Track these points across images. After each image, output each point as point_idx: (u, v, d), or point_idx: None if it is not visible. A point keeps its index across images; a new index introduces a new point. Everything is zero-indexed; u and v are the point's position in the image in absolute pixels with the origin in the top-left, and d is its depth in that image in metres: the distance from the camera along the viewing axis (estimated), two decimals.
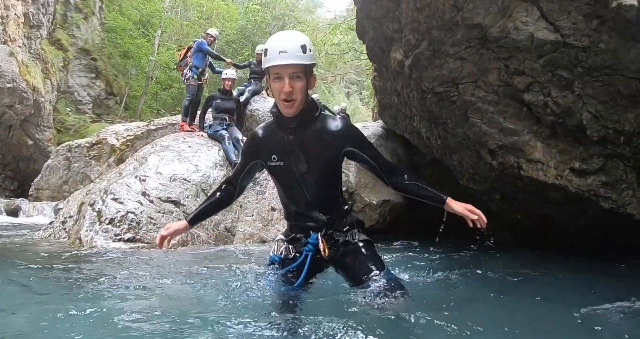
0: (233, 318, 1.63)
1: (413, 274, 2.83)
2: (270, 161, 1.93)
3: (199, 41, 7.46)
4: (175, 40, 19.61)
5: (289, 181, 1.95)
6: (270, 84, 1.82)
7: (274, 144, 1.92)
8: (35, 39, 12.81)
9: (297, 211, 2.00)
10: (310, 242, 1.96)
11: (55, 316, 1.67)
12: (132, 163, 5.05)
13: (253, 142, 2.01)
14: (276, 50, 1.73)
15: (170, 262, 3.17)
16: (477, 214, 1.79)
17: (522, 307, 2.25)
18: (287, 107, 1.78)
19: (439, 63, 4.05)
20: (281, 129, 1.90)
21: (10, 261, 3.03)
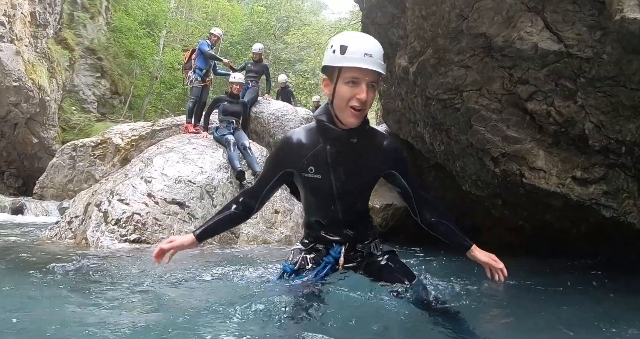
0: (238, 319, 1.67)
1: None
2: (306, 172, 1.74)
3: (201, 42, 7.51)
4: (180, 41, 19.72)
5: (322, 195, 1.80)
6: (336, 86, 1.58)
7: (314, 154, 1.72)
8: (41, 38, 12.89)
9: (323, 224, 1.86)
10: (332, 254, 1.84)
11: (62, 315, 1.71)
12: (138, 164, 5.10)
13: (287, 150, 1.77)
14: (361, 51, 1.52)
15: (175, 262, 3.20)
16: (500, 268, 1.73)
17: (528, 312, 2.28)
18: (354, 116, 1.59)
19: (443, 70, 4.10)
20: (325, 139, 1.71)
21: (17, 261, 3.07)
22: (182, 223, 4.26)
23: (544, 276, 3.66)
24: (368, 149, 1.75)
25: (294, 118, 7.60)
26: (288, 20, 23.43)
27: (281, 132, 7.30)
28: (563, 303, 2.59)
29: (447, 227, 1.84)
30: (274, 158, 1.87)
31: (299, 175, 1.77)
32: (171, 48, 19.08)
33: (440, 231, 1.85)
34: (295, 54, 22.82)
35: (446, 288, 2.71)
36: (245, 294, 2.09)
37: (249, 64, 8.59)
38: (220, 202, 4.79)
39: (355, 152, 1.72)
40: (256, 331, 1.56)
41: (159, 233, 4.03)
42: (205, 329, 1.58)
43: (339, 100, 1.58)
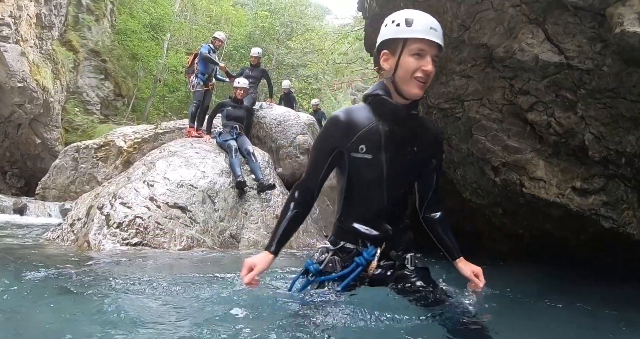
0: (241, 323, 1.70)
1: None
2: (356, 152, 1.64)
3: (202, 46, 7.56)
4: (184, 44, 19.84)
5: (371, 178, 1.68)
6: (401, 58, 1.57)
7: (366, 132, 1.64)
8: (46, 40, 13.01)
9: (365, 215, 1.74)
10: (365, 255, 1.70)
11: (62, 318, 1.73)
12: (141, 168, 5.13)
13: (337, 128, 1.66)
14: (426, 24, 1.54)
15: (177, 266, 3.24)
16: (481, 287, 1.75)
17: (525, 319, 2.30)
18: (419, 87, 1.57)
19: (445, 80, 4.13)
20: (381, 114, 1.66)
21: (19, 262, 3.10)
22: (184, 227, 4.29)
23: (542, 282, 3.68)
24: (418, 134, 1.73)
25: (296, 124, 7.64)
26: (292, 25, 23.54)
27: (283, 138, 7.34)
28: (560, 311, 2.61)
29: (445, 231, 1.85)
30: (322, 140, 1.73)
31: (348, 155, 1.66)
32: (175, 51, 19.21)
33: (436, 231, 1.85)
34: (298, 59, 22.92)
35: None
36: (251, 303, 2.11)
37: (247, 69, 8.43)
38: (222, 207, 4.82)
39: (408, 134, 1.69)
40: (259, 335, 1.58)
41: (160, 237, 4.05)
42: (206, 332, 1.60)
43: (403, 72, 1.57)
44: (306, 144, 7.37)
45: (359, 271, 1.68)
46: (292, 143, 7.32)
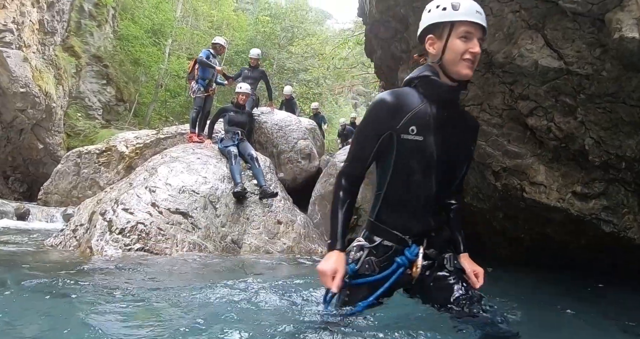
0: (245, 327, 1.71)
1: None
2: (406, 134, 1.58)
3: (202, 51, 7.60)
4: (185, 49, 19.92)
5: (421, 163, 1.61)
6: (448, 41, 1.58)
7: (416, 113, 1.60)
8: (49, 46, 13.08)
9: (409, 206, 1.65)
10: (408, 254, 1.61)
11: (64, 322, 1.75)
12: (142, 173, 5.15)
13: (386, 109, 1.60)
14: (472, 8, 1.56)
15: (179, 272, 3.26)
16: (477, 284, 1.73)
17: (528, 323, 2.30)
18: (469, 68, 1.57)
19: None
20: (430, 97, 1.63)
21: (23, 268, 3.12)
22: (186, 233, 4.30)
23: (542, 285, 3.68)
24: (463, 120, 1.73)
25: (297, 129, 7.66)
26: (292, 30, 23.63)
27: (284, 143, 7.36)
28: (561, 313, 2.61)
29: (457, 222, 1.84)
30: (369, 123, 1.64)
31: (397, 138, 1.59)
32: (176, 56, 19.28)
33: (449, 221, 1.82)
34: (299, 64, 22.99)
35: None
36: (251, 302, 2.12)
37: (245, 70, 8.32)
38: (223, 213, 4.84)
39: (454, 116, 1.67)
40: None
41: (162, 243, 4.07)
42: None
43: (452, 54, 1.57)
44: (307, 149, 7.38)
45: (400, 273, 1.61)
46: (293, 148, 7.33)
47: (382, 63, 5.43)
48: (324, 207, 6.31)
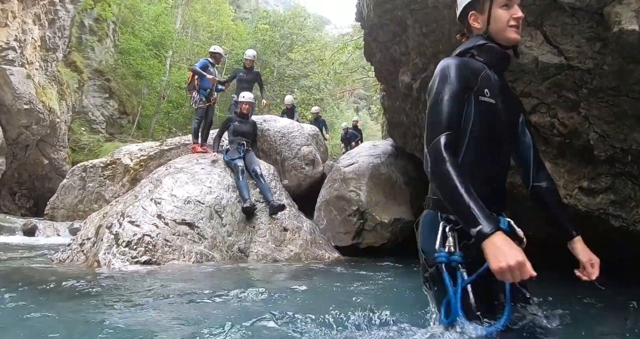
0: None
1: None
2: (483, 95, 1.52)
3: (200, 61, 7.61)
4: (186, 60, 20.06)
5: (496, 127, 1.55)
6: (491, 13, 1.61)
7: (484, 76, 1.56)
8: (51, 62, 13.21)
9: (488, 176, 1.54)
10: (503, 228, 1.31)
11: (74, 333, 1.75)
12: (147, 185, 5.17)
13: (463, 68, 1.53)
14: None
15: (187, 283, 3.24)
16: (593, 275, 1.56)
17: None
18: (516, 33, 1.59)
19: None
20: (488, 64, 1.60)
21: (32, 282, 3.13)
22: (192, 243, 4.30)
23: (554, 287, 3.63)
24: (511, 91, 1.70)
25: (300, 135, 7.66)
26: (292, 37, 23.76)
27: (288, 150, 7.36)
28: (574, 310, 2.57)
29: (558, 203, 1.70)
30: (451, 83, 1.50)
31: (475, 100, 1.51)
32: (177, 68, 19.42)
33: (549, 203, 1.68)
34: (299, 70, 23.09)
35: None
36: (262, 315, 2.11)
37: (241, 72, 8.12)
38: (229, 222, 4.83)
39: (507, 87, 1.66)
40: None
41: (169, 254, 4.07)
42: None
43: (497, 24, 1.60)
44: (311, 155, 7.38)
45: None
46: (296, 155, 7.33)
47: (382, 66, 5.43)
48: (329, 213, 6.30)
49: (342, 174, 6.60)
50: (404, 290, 3.28)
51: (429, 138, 1.45)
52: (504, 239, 1.22)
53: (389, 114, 6.49)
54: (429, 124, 1.49)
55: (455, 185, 1.31)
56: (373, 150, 7.16)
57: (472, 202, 1.28)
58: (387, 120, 7.15)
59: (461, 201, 1.29)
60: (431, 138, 1.44)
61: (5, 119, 11.08)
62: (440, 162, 1.37)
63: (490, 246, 1.22)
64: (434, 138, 1.43)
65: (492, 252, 1.21)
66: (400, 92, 5.08)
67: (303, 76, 22.87)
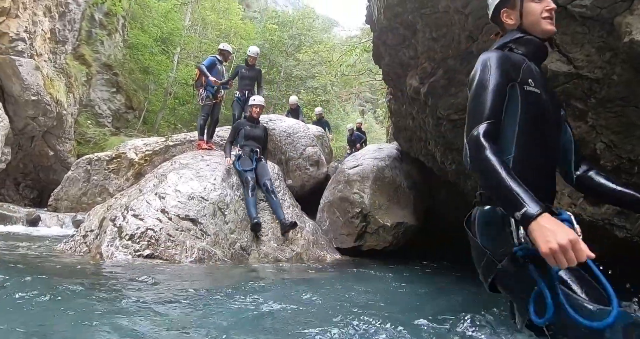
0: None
1: (428, 300, 2.86)
2: (528, 85, 1.50)
3: (209, 58, 7.63)
4: (194, 58, 20.10)
5: (544, 118, 1.52)
6: (523, 8, 1.62)
7: (526, 68, 1.54)
8: (60, 54, 13.27)
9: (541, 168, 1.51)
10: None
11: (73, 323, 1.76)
12: (152, 180, 5.18)
13: (505, 59, 1.52)
14: None
15: (189, 278, 3.26)
16: None
17: None
18: (550, 24, 1.59)
19: (454, 91, 4.15)
20: (528, 56, 1.60)
21: (34, 272, 3.14)
22: (195, 239, 4.31)
23: None
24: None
25: (305, 135, 7.67)
26: (300, 38, 23.79)
27: (293, 150, 7.37)
28: None
29: (616, 181, 1.61)
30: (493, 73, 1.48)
31: (521, 90, 1.49)
32: (185, 65, 19.48)
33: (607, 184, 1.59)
34: (306, 71, 23.12)
35: (463, 302, 2.71)
36: (262, 310, 2.11)
37: (243, 69, 7.90)
38: (232, 219, 4.84)
39: (546, 79, 1.64)
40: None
41: (171, 249, 4.08)
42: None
43: (530, 17, 1.62)
44: (315, 156, 7.39)
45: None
46: (301, 155, 7.34)
47: (390, 70, 5.44)
48: (332, 214, 6.30)
49: (347, 176, 6.61)
50: (408, 292, 3.28)
51: (469, 128, 1.43)
52: (551, 219, 1.13)
53: (395, 117, 6.50)
54: (469, 115, 1.47)
55: (496, 169, 1.27)
56: (378, 153, 7.16)
57: (515, 185, 1.21)
58: (393, 123, 7.15)
59: (503, 185, 1.23)
60: (471, 127, 1.42)
61: (12, 110, 11.14)
62: (480, 149, 1.34)
63: (537, 227, 1.13)
64: (473, 127, 1.41)
65: (539, 234, 1.12)
66: (407, 96, 5.09)
67: (310, 77, 22.90)
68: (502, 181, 1.24)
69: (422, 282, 3.65)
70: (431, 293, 3.22)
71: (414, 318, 2.29)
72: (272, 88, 21.57)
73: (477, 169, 1.34)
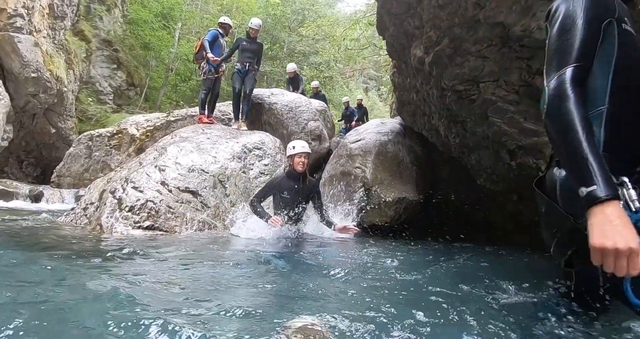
0: (252, 301, 1.68)
1: (427, 275, 2.83)
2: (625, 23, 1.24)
3: (210, 31, 7.48)
4: (195, 33, 19.79)
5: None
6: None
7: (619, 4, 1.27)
8: (59, 30, 13.06)
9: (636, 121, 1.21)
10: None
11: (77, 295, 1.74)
12: (152, 153, 5.15)
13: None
14: None
15: (188, 249, 3.24)
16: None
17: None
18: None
19: (459, 61, 4.03)
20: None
21: (35, 243, 3.15)
22: (195, 211, 4.29)
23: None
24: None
25: (307, 110, 7.57)
26: (303, 13, 23.34)
27: (295, 124, 7.28)
28: None
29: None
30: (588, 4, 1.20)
31: (618, 28, 1.21)
32: (186, 40, 19.18)
33: None
34: (310, 47, 22.74)
35: (462, 278, 2.69)
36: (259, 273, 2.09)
37: (244, 42, 7.42)
38: (233, 192, 4.81)
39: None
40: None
41: (171, 221, 4.07)
42: (219, 311, 1.59)
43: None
44: (318, 131, 7.30)
45: None
46: (303, 129, 7.25)
47: (395, 40, 5.30)
48: (334, 188, 6.27)
49: (349, 150, 6.54)
50: (403, 267, 3.25)
51: (550, 69, 1.18)
52: (620, 212, 0.95)
53: (399, 91, 6.38)
54: (551, 55, 1.21)
55: (576, 129, 1.04)
56: (381, 127, 7.07)
57: (592, 154, 1.00)
58: (396, 98, 7.03)
59: (579, 150, 1.02)
60: (554, 69, 1.16)
61: (12, 87, 11.04)
62: (563, 98, 1.10)
63: (599, 214, 0.96)
64: (558, 70, 1.15)
65: (599, 224, 0.95)
66: (411, 67, 4.97)
67: (313, 53, 22.53)
68: (579, 144, 1.03)
69: (421, 258, 3.62)
70: (430, 267, 3.19)
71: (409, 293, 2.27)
72: (274, 64, 21.26)
73: (553, 122, 1.11)
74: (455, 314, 1.75)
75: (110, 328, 1.37)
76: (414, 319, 1.65)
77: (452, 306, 1.87)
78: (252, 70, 7.21)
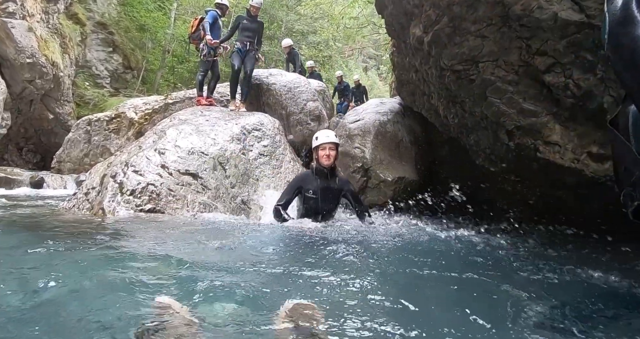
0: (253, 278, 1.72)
1: (427, 256, 2.88)
2: None
3: (209, 13, 7.34)
4: (191, 13, 19.45)
5: None
6: None
7: None
8: (52, 14, 12.86)
9: None
10: None
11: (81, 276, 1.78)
12: (152, 136, 5.15)
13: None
14: None
15: (190, 231, 3.28)
16: None
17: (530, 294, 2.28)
18: None
19: (459, 40, 4.00)
20: None
21: (38, 228, 3.19)
22: (196, 194, 4.32)
23: (553, 250, 3.65)
24: None
25: (306, 90, 7.52)
26: None
27: (294, 105, 7.23)
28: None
29: None
30: None
31: None
32: (182, 21, 18.89)
33: None
34: (308, 26, 22.40)
35: (461, 258, 2.73)
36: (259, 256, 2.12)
37: (245, 20, 7.13)
38: (233, 174, 4.83)
39: None
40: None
41: (173, 203, 4.11)
42: (222, 290, 1.63)
43: None
44: (317, 111, 7.27)
45: None
46: (302, 110, 7.21)
47: (394, 19, 5.23)
48: None
49: (348, 130, 6.54)
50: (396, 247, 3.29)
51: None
52: None
53: (398, 70, 6.34)
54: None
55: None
56: (380, 107, 7.04)
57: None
58: (395, 77, 6.98)
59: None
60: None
61: (8, 74, 10.94)
62: (628, 23, 0.87)
63: None
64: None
65: None
66: (410, 47, 4.92)
67: (312, 32, 22.22)
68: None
69: (417, 241, 3.63)
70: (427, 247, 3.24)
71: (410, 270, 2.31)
72: (273, 43, 20.99)
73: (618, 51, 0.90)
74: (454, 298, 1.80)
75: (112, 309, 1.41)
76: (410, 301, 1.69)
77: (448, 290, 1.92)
78: (252, 49, 7.04)
